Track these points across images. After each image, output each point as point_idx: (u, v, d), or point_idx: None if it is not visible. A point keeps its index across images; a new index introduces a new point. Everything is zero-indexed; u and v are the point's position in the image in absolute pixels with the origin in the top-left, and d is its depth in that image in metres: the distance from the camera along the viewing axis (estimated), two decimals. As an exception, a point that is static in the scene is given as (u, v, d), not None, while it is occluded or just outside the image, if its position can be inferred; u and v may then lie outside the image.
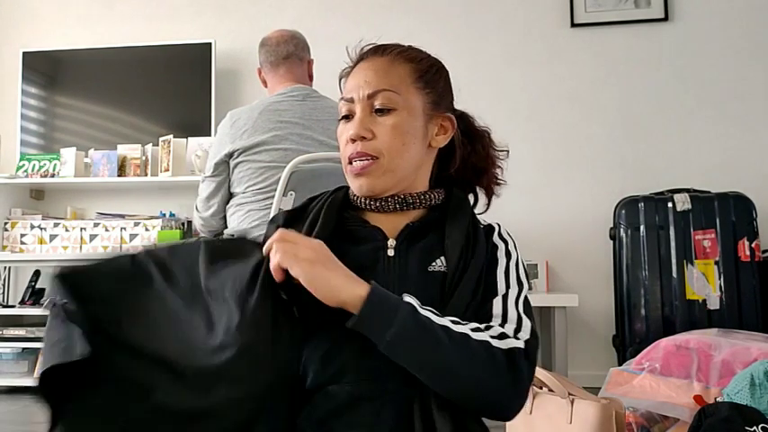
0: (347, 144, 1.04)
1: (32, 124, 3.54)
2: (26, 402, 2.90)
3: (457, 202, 1.09)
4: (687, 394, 1.90)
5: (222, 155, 2.27)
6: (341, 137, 1.06)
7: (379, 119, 1.03)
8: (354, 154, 1.02)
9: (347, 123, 1.05)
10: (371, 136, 1.02)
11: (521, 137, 3.36)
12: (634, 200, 2.91)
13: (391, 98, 1.03)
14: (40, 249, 3.23)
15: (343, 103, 1.06)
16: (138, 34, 3.59)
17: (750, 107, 3.23)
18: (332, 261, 0.92)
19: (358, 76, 1.05)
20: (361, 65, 1.07)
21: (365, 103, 1.03)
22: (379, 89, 1.03)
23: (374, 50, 1.08)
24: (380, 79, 1.04)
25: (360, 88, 1.04)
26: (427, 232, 1.04)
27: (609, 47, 3.34)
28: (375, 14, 3.46)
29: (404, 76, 1.05)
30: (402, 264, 1.00)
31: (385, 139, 1.02)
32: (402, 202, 1.04)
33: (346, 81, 1.08)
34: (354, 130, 1.02)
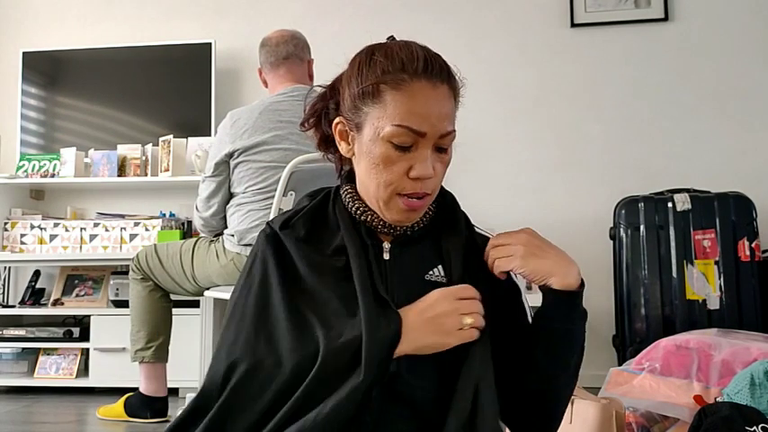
0: (403, 177, 0.95)
1: (32, 124, 3.54)
2: (26, 402, 2.90)
3: (451, 208, 1.08)
4: (687, 394, 1.90)
5: (222, 155, 2.27)
6: (388, 164, 0.95)
7: (438, 156, 0.98)
8: (420, 193, 0.96)
9: (403, 153, 0.95)
10: (433, 175, 0.97)
11: (521, 137, 3.36)
12: (634, 200, 2.91)
13: (454, 138, 1.00)
14: (40, 249, 3.23)
15: (407, 132, 0.93)
16: (138, 34, 3.59)
17: (750, 107, 3.23)
18: (542, 248, 1.03)
19: (430, 107, 0.94)
20: (427, 89, 0.94)
21: (435, 141, 0.96)
22: (451, 130, 0.98)
23: (438, 72, 0.96)
24: (451, 118, 0.99)
25: (434, 126, 0.95)
26: (422, 239, 1.03)
27: (609, 47, 3.34)
28: (375, 14, 3.46)
29: (455, 106, 1.02)
30: (398, 269, 1.00)
31: (440, 177, 1.00)
32: (408, 228, 1.03)
33: (395, 93, 0.94)
34: (427, 171, 0.95)
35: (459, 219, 1.06)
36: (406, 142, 0.94)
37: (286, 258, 1.00)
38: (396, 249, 1.01)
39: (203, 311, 2.53)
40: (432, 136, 0.95)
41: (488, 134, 3.37)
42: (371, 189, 0.98)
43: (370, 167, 0.97)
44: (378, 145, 0.95)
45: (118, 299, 3.08)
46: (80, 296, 3.30)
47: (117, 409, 2.51)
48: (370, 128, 0.96)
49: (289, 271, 0.99)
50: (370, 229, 1.02)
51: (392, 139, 0.94)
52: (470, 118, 3.80)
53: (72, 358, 3.12)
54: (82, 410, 2.75)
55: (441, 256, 1.02)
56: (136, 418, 2.47)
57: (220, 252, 2.29)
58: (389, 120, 0.94)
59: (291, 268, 0.99)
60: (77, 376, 3.08)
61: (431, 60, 0.96)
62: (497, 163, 3.35)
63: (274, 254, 1.00)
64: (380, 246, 1.01)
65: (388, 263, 1.00)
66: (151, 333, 2.44)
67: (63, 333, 3.08)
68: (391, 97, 0.94)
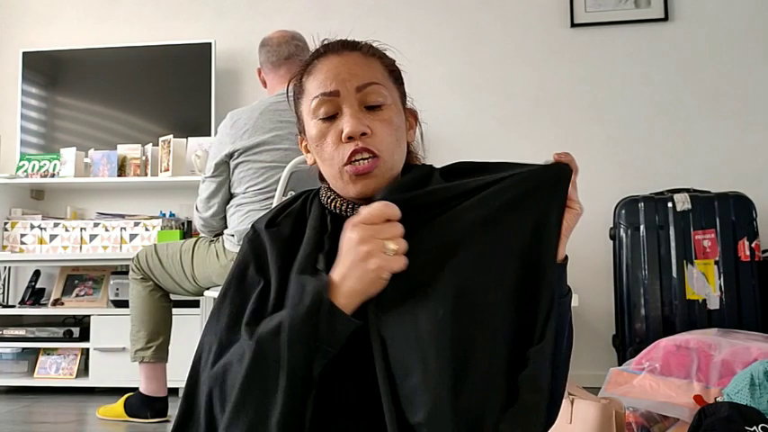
0: (338, 145, 0.94)
1: (32, 124, 3.54)
2: (26, 402, 2.90)
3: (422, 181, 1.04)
4: (687, 394, 1.90)
5: (222, 155, 2.27)
6: (322, 139, 0.96)
7: (372, 114, 0.95)
8: (357, 149, 0.93)
9: (330, 123, 0.95)
10: (370, 132, 0.94)
11: (520, 137, 3.36)
12: (634, 200, 2.91)
13: (381, 92, 0.96)
14: (40, 249, 3.24)
15: (322, 99, 0.95)
16: (138, 34, 3.59)
17: (750, 107, 3.23)
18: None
19: (338, 69, 0.96)
20: (331, 58, 0.98)
21: (354, 97, 0.95)
22: (368, 82, 0.96)
23: (343, 45, 1.00)
24: (367, 71, 0.97)
25: (345, 81, 0.95)
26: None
27: (609, 47, 3.34)
28: (374, 15, 3.46)
29: (380, 69, 1.00)
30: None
31: (382, 137, 0.95)
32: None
33: (310, 78, 0.98)
34: (353, 127, 0.92)
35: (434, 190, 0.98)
36: (328, 111, 0.96)
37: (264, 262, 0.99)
38: None
39: (203, 311, 2.53)
40: (347, 93, 0.95)
41: (488, 134, 3.37)
42: (327, 172, 0.99)
43: (317, 153, 0.99)
44: (311, 126, 0.98)
45: (118, 299, 3.08)
46: (80, 296, 3.30)
47: (117, 409, 2.51)
48: (306, 119, 1.00)
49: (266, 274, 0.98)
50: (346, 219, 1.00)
51: (316, 113, 0.96)
52: (470, 118, 3.81)
53: (72, 358, 3.12)
54: (82, 410, 2.75)
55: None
56: (136, 418, 2.47)
57: (220, 252, 2.29)
58: (310, 98, 0.98)
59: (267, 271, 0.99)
60: (77, 376, 3.08)
61: (332, 42, 1.01)
62: (497, 163, 3.34)
63: (254, 258, 1.00)
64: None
65: None
66: (151, 333, 2.44)
67: (63, 333, 3.08)
68: (308, 82, 0.99)
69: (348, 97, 0.95)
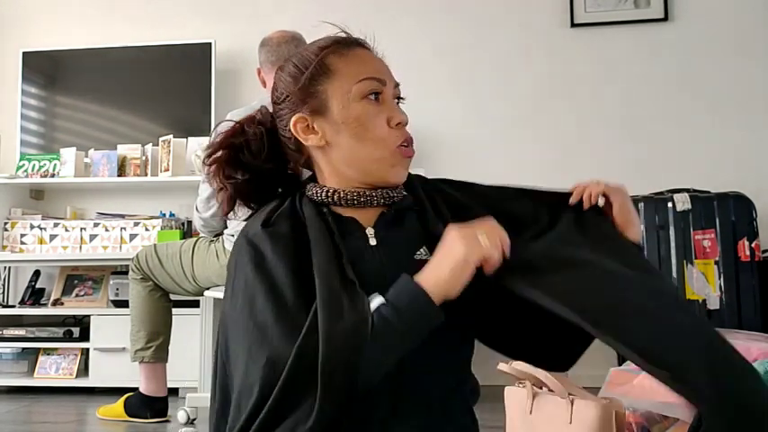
0: (389, 129, 1.00)
1: (32, 124, 3.54)
2: (26, 402, 2.90)
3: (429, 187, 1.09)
4: (687, 394, 1.90)
5: (222, 155, 2.27)
6: (371, 119, 0.99)
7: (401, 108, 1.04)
8: (409, 139, 1.02)
9: (378, 105, 1.01)
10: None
11: (520, 137, 3.36)
12: (634, 200, 2.89)
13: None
14: (40, 249, 3.23)
15: (373, 82, 1.00)
16: (138, 34, 3.59)
17: (750, 107, 3.23)
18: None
19: (375, 61, 1.04)
20: (365, 51, 1.05)
21: (393, 90, 1.03)
22: (397, 81, 1.05)
23: (363, 43, 1.09)
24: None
25: (387, 74, 1.03)
26: (402, 220, 1.03)
27: (609, 47, 3.34)
28: (374, 14, 3.46)
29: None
30: (387, 251, 0.99)
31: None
32: (387, 197, 1.02)
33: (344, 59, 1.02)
34: (403, 116, 1.01)
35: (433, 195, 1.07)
36: (377, 89, 1.00)
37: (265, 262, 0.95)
38: (381, 233, 1.00)
39: (203, 311, 2.53)
40: (390, 84, 1.03)
41: (488, 134, 3.37)
42: (362, 153, 1.00)
43: (355, 133, 0.99)
44: (353, 107, 0.99)
45: (118, 299, 3.08)
46: (80, 296, 3.30)
47: (117, 409, 2.51)
48: (337, 99, 1.00)
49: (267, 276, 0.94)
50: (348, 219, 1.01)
51: (363, 93, 0.99)
52: (470, 118, 3.81)
53: (72, 358, 3.11)
54: (82, 410, 2.75)
55: (424, 236, 1.01)
56: (136, 418, 2.47)
57: (220, 252, 2.29)
58: (352, 79, 1.00)
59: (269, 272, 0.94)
60: (77, 376, 3.08)
61: (355, 37, 1.09)
62: (497, 163, 3.34)
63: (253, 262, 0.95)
64: (364, 232, 1.00)
65: (375, 248, 0.99)
66: (151, 333, 2.44)
67: (63, 333, 3.08)
68: (342, 63, 1.01)
69: (390, 89, 1.02)
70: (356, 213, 1.02)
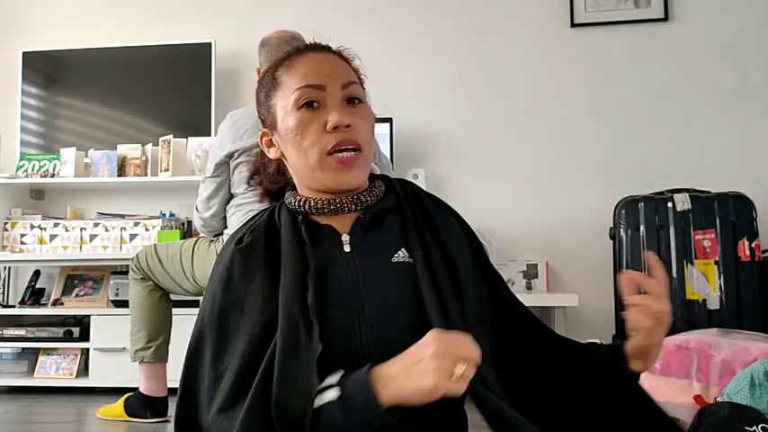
0: (323, 134, 0.97)
1: (32, 124, 3.54)
2: (26, 402, 2.90)
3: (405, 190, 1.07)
4: (687, 394, 1.90)
5: (223, 155, 2.27)
6: (304, 128, 0.98)
7: (353, 110, 1.00)
8: (344, 142, 0.97)
9: (313, 112, 0.98)
10: (353, 125, 0.98)
11: (520, 137, 3.36)
12: (634, 200, 2.91)
13: (360, 90, 1.03)
14: (40, 249, 3.23)
15: (307, 90, 0.99)
16: (138, 34, 3.59)
17: (750, 107, 3.23)
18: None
19: (322, 66, 1.01)
20: (312, 55, 1.03)
21: (339, 93, 1.00)
22: (350, 81, 1.01)
23: (321, 46, 1.06)
24: (346, 71, 1.03)
25: (331, 77, 1.00)
26: (381, 222, 1.02)
27: (609, 47, 3.34)
28: (374, 14, 3.46)
29: (354, 73, 1.05)
30: (361, 258, 0.98)
31: (362, 131, 1.00)
32: (358, 201, 1.01)
33: (290, 71, 1.02)
34: (339, 118, 0.96)
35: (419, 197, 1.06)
36: (312, 97, 0.99)
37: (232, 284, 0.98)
38: (357, 238, 1.00)
39: (203, 311, 2.52)
40: (332, 88, 0.99)
41: (488, 134, 3.37)
42: (301, 164, 1.00)
43: (293, 144, 1.00)
44: (291, 116, 1.00)
45: (118, 299, 3.08)
46: (80, 296, 3.30)
47: (117, 409, 2.51)
48: (281, 109, 1.02)
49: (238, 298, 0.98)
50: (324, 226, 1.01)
51: (299, 102, 0.99)
52: (470, 118, 3.81)
53: (72, 358, 3.11)
54: (82, 410, 2.75)
55: (404, 237, 1.01)
56: (136, 418, 2.47)
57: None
58: (290, 90, 1.00)
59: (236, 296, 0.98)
60: (77, 376, 3.08)
61: (311, 43, 1.06)
62: (497, 163, 3.35)
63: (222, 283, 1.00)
64: (339, 239, 1.00)
65: (349, 255, 0.98)
66: (151, 333, 2.44)
67: (63, 333, 3.08)
68: (286, 76, 1.02)
69: (333, 92, 0.99)
70: (332, 220, 1.01)
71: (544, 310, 3.04)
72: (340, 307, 0.94)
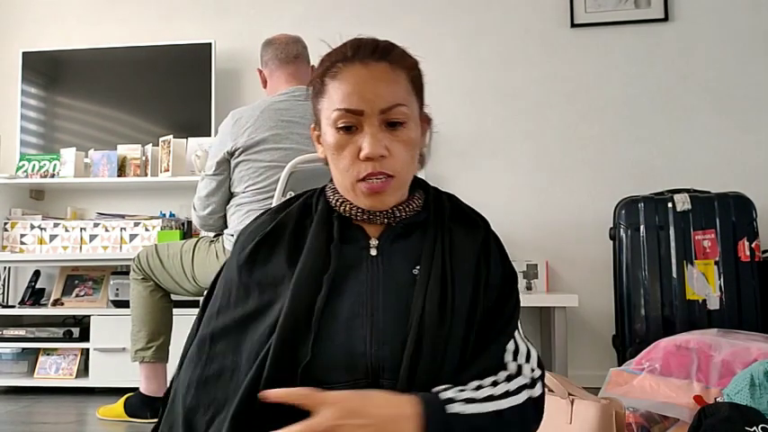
0: (356, 161, 0.96)
1: (32, 124, 3.54)
2: (26, 402, 2.90)
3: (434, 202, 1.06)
4: (687, 394, 1.90)
5: (224, 153, 2.27)
6: (339, 150, 0.97)
7: (392, 134, 0.97)
8: (374, 173, 0.95)
9: (350, 135, 0.97)
10: (388, 154, 0.96)
11: (521, 137, 3.36)
12: (634, 200, 2.91)
13: (404, 112, 0.97)
14: (40, 249, 3.23)
15: (345, 114, 0.96)
16: (138, 34, 3.59)
17: (750, 107, 3.23)
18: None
19: (363, 86, 0.96)
20: (359, 70, 0.97)
21: (377, 117, 0.96)
22: (393, 104, 0.96)
23: (372, 52, 0.99)
24: (392, 92, 0.97)
25: (370, 102, 0.95)
26: (410, 233, 1.02)
27: (609, 47, 3.34)
28: (375, 15, 3.46)
29: (405, 85, 1.00)
30: (386, 264, 0.99)
31: (400, 157, 0.97)
32: (391, 215, 1.01)
33: (335, 82, 0.98)
34: (372, 149, 0.94)
35: (442, 212, 1.05)
36: (349, 122, 0.96)
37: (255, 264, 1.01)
38: (385, 245, 1.00)
39: (203, 312, 2.52)
40: (371, 113, 0.96)
41: (488, 134, 3.37)
42: (338, 178, 1.01)
43: (331, 159, 1.01)
44: (329, 133, 0.99)
45: (118, 299, 3.08)
46: (80, 296, 3.30)
47: (117, 409, 2.51)
48: (324, 120, 1.01)
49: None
50: (356, 226, 1.02)
51: (336, 123, 0.97)
52: (470, 118, 3.81)
53: (72, 358, 3.12)
54: (82, 410, 2.75)
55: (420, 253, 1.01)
56: (136, 418, 2.47)
57: (220, 252, 2.29)
58: (332, 107, 0.98)
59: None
60: (77, 376, 3.08)
61: (361, 44, 1.00)
62: (497, 163, 3.35)
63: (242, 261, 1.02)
64: (367, 242, 1.01)
65: (374, 259, 0.99)
66: (152, 333, 2.44)
67: (63, 333, 3.08)
68: (332, 87, 0.99)
69: (371, 117, 0.96)
70: (364, 222, 1.02)
71: (544, 310, 3.04)
72: (351, 308, 0.95)
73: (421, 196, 1.06)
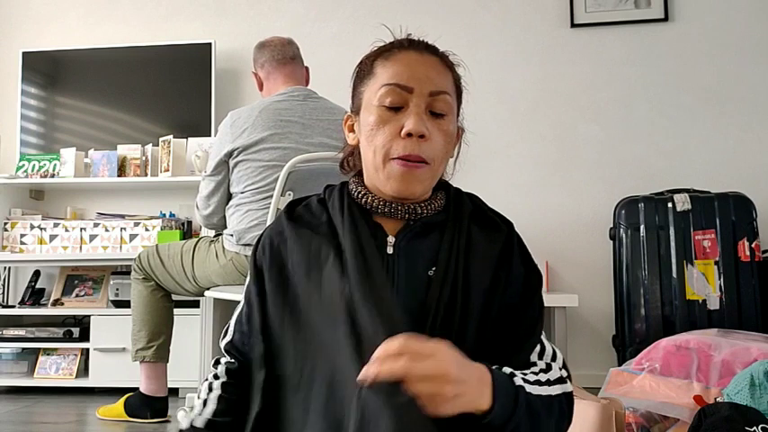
0: (396, 138, 0.95)
1: (32, 124, 3.54)
2: (26, 402, 2.90)
3: (455, 201, 1.06)
4: (687, 394, 1.90)
5: (223, 154, 2.28)
6: (381, 125, 0.96)
7: (434, 121, 0.97)
8: (412, 155, 0.95)
9: (393, 113, 0.96)
10: (428, 137, 0.96)
11: (520, 137, 3.36)
12: (634, 200, 2.91)
13: (448, 102, 0.99)
14: (40, 249, 3.23)
15: (394, 88, 0.96)
16: (138, 34, 3.59)
17: (750, 107, 3.23)
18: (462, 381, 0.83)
19: (416, 67, 0.97)
20: (412, 54, 0.99)
21: (425, 99, 0.96)
22: (442, 90, 0.98)
23: (426, 46, 1.01)
24: (442, 80, 0.99)
25: (421, 82, 0.96)
26: (428, 233, 1.01)
27: (609, 47, 3.34)
28: (373, 15, 3.46)
29: (451, 82, 1.02)
30: (401, 263, 0.98)
31: (438, 145, 0.97)
32: (412, 212, 1.01)
33: (386, 63, 0.99)
34: (416, 126, 0.94)
35: (462, 212, 1.03)
36: (395, 102, 0.96)
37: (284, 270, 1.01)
38: (402, 243, 0.99)
39: (203, 312, 2.53)
40: (420, 93, 0.96)
41: (488, 134, 3.37)
42: (369, 160, 1.00)
43: (367, 137, 0.99)
44: (372, 112, 0.98)
45: (118, 299, 3.08)
46: (80, 296, 3.30)
47: (117, 409, 2.51)
48: (366, 100, 1.00)
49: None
50: (373, 223, 1.01)
51: (383, 100, 0.97)
52: (470, 118, 3.78)
53: (72, 358, 3.12)
54: (82, 410, 2.75)
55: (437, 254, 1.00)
56: (136, 418, 2.47)
57: (220, 252, 2.29)
58: (381, 83, 0.98)
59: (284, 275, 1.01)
60: (77, 376, 3.08)
61: (419, 40, 1.02)
62: (497, 163, 3.35)
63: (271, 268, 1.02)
64: (385, 240, 1.00)
65: (390, 257, 0.98)
66: (152, 333, 2.44)
67: (63, 333, 3.08)
68: (381, 68, 0.99)
69: (419, 97, 0.96)
70: (383, 219, 1.01)
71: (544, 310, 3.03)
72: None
73: (443, 197, 1.06)
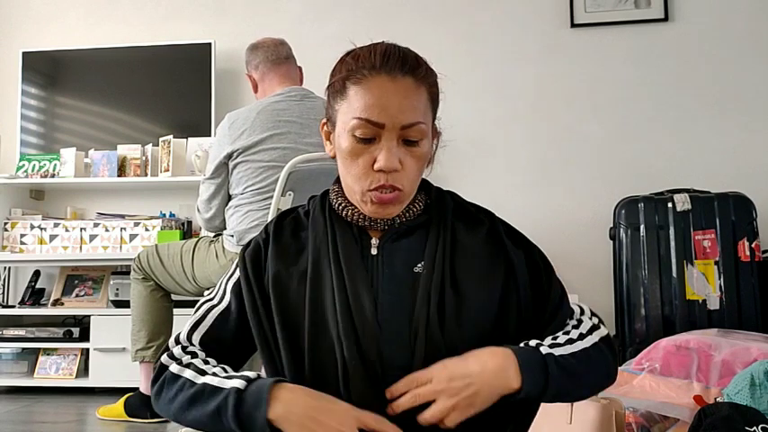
0: (369, 170, 0.97)
1: (32, 124, 3.54)
2: (26, 402, 2.90)
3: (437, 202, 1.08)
4: (687, 394, 1.90)
5: (222, 156, 2.28)
6: (353, 157, 0.98)
7: (406, 149, 0.98)
8: (385, 185, 0.96)
9: (366, 145, 0.97)
10: (401, 169, 0.97)
11: (520, 137, 3.36)
12: (634, 200, 2.91)
13: (422, 130, 0.98)
14: (40, 249, 3.23)
15: (366, 124, 0.95)
16: (138, 34, 3.59)
17: (750, 107, 3.23)
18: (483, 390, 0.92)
19: (389, 98, 0.96)
20: (385, 82, 0.96)
21: (396, 132, 0.96)
22: (414, 122, 0.97)
23: (401, 65, 0.98)
24: (414, 109, 0.97)
25: (393, 117, 0.95)
26: (412, 232, 1.04)
27: (609, 47, 3.34)
28: (373, 15, 3.46)
29: (425, 101, 1.00)
30: (386, 263, 1.00)
31: (411, 172, 0.99)
32: (391, 222, 1.03)
33: (358, 89, 0.97)
34: (388, 163, 0.95)
35: (445, 211, 1.06)
36: (366, 134, 0.96)
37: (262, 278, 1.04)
38: (386, 244, 1.02)
39: (203, 312, 2.52)
40: (392, 127, 0.96)
41: (488, 134, 3.37)
42: (348, 183, 1.01)
43: (342, 162, 1.01)
44: (344, 139, 0.98)
45: (118, 299, 3.08)
46: (80, 296, 3.30)
47: (117, 409, 2.51)
48: (340, 123, 1.00)
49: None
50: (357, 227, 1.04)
51: (354, 131, 0.97)
52: (470, 118, 3.81)
53: (72, 358, 3.12)
54: (82, 410, 2.75)
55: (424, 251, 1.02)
56: (136, 418, 2.47)
57: (220, 252, 2.29)
58: (352, 113, 0.97)
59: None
60: (77, 376, 3.08)
61: (390, 55, 0.99)
62: (497, 163, 3.35)
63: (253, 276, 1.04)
64: (369, 242, 1.02)
65: (374, 258, 1.01)
66: (152, 333, 2.44)
67: (63, 333, 3.08)
68: (353, 92, 0.97)
69: (391, 131, 0.96)
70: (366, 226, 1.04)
71: (544, 310, 3.02)
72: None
73: (422, 199, 1.06)
